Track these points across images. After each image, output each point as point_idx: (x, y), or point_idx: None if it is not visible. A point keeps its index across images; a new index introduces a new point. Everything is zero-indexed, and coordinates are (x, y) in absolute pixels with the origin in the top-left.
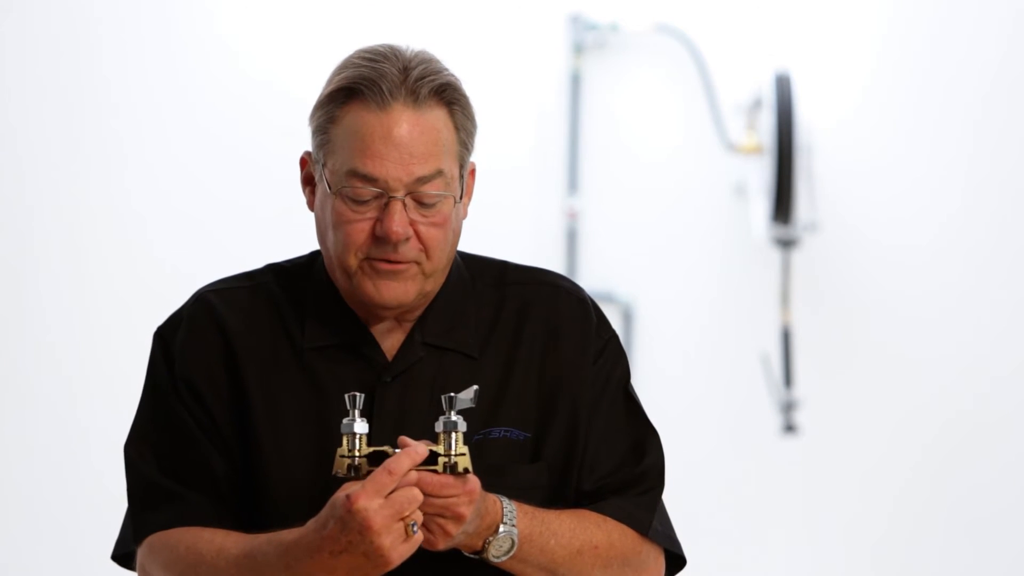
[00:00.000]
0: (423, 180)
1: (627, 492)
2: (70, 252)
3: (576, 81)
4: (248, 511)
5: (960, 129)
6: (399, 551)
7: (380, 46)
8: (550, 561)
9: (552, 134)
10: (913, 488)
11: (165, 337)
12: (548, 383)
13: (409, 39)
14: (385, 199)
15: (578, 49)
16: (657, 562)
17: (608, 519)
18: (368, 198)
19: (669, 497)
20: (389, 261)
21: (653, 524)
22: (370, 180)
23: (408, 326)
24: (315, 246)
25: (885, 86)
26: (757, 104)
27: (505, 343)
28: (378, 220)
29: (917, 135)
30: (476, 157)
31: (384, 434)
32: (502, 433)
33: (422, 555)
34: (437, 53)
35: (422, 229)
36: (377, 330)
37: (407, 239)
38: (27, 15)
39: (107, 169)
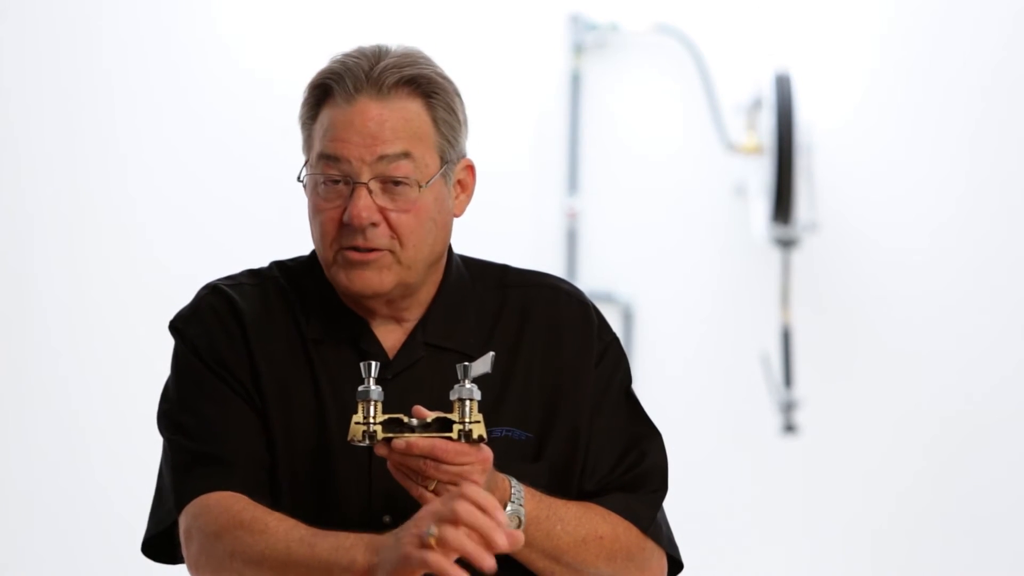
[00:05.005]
0: (387, 159)
1: (630, 492)
2: (70, 252)
3: (576, 81)
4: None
5: (960, 129)
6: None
7: (368, 46)
8: (555, 548)
9: (552, 134)
10: (913, 488)
11: (180, 328)
12: (550, 385)
13: (408, 39)
14: (352, 186)
15: (578, 49)
16: (660, 563)
17: (613, 513)
18: (336, 182)
19: (669, 496)
20: (358, 249)
21: (656, 522)
22: (334, 160)
23: (409, 326)
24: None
25: (885, 86)
26: (757, 104)
27: (506, 344)
28: (346, 208)
29: (917, 135)
30: (476, 157)
31: None
32: (503, 433)
33: None
34: (437, 53)
35: (392, 216)
36: (379, 330)
37: (373, 225)
38: (27, 15)
39: (107, 169)
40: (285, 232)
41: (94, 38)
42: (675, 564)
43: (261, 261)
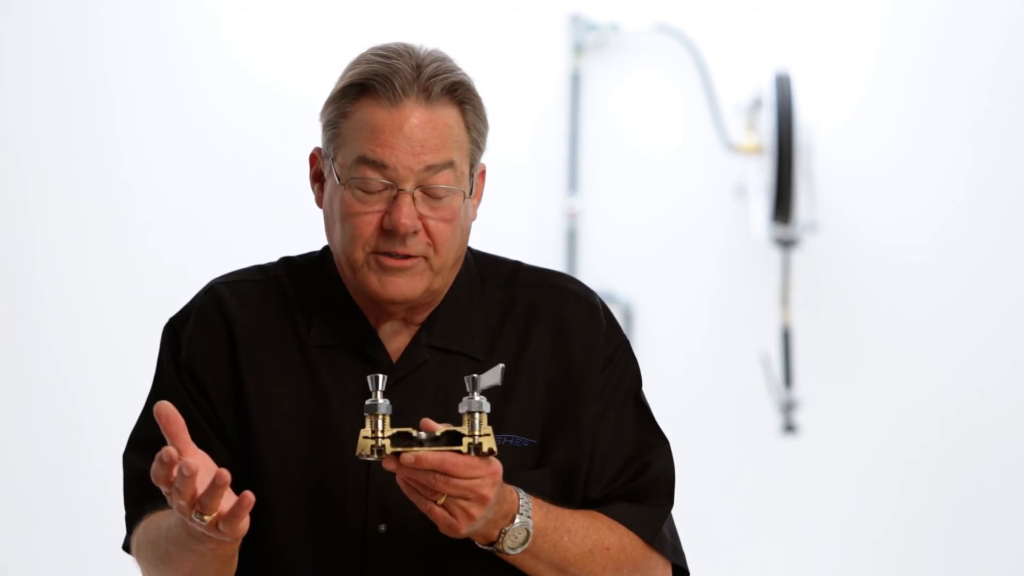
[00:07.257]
0: (433, 169)
1: (635, 502)
2: (70, 252)
3: (576, 81)
4: None
5: (960, 129)
6: None
7: (394, 44)
8: (562, 559)
9: (552, 134)
10: (913, 488)
11: (175, 328)
12: (555, 389)
13: (409, 39)
14: (394, 191)
15: (578, 49)
16: (664, 572)
17: (618, 523)
18: (377, 188)
19: None
20: (396, 256)
21: (661, 532)
22: (380, 167)
23: (415, 328)
24: (317, 245)
25: (885, 86)
26: (757, 104)
27: (512, 347)
28: (386, 213)
29: (917, 135)
30: None
31: None
32: (505, 440)
33: (435, 554)
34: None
35: (431, 223)
36: (384, 332)
37: (415, 232)
38: (27, 15)
39: (107, 169)
40: (285, 231)
41: (94, 38)
42: (681, 572)
43: (261, 261)
